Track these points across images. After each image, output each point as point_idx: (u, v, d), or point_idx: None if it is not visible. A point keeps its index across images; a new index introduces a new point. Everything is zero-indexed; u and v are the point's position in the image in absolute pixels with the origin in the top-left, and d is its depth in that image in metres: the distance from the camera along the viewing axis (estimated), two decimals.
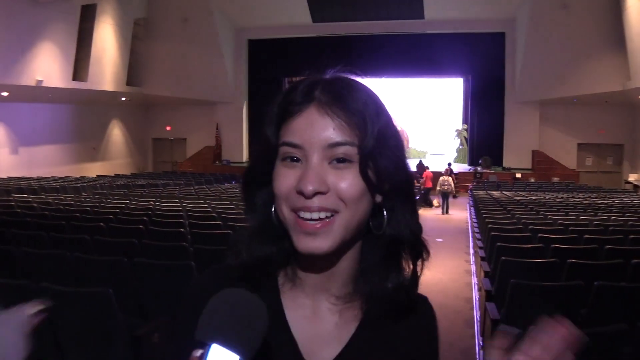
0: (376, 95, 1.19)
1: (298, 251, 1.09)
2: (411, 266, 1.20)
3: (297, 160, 1.09)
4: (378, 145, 1.09)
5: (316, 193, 1.05)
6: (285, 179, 1.09)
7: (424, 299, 1.30)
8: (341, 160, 1.08)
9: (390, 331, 1.21)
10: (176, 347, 1.12)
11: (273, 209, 1.14)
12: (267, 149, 1.13)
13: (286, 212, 1.09)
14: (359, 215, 1.10)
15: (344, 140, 1.07)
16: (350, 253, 1.16)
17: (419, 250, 1.19)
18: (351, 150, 1.07)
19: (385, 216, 1.15)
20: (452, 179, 23.87)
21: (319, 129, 1.08)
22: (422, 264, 1.20)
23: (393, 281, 1.16)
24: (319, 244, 1.07)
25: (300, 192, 1.06)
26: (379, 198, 1.14)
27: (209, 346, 0.90)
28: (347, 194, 1.07)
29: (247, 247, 1.16)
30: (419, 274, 1.20)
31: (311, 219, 1.06)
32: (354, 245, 1.15)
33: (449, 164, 27.40)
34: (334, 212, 1.07)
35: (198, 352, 0.90)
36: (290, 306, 1.18)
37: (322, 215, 1.07)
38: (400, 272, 1.17)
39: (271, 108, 1.16)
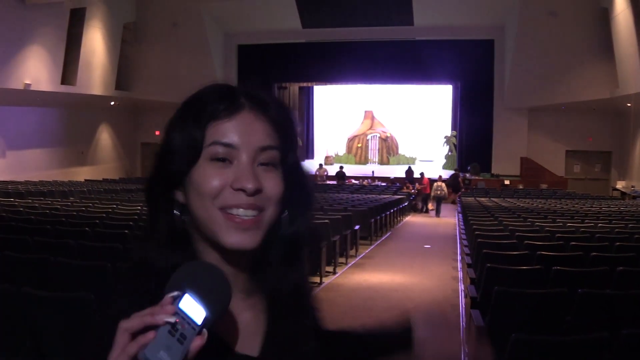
0: (289, 107, 1.27)
1: (223, 246, 1.12)
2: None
3: (224, 160, 1.12)
4: (295, 154, 1.20)
5: (256, 191, 1.10)
6: (217, 177, 1.11)
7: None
8: (266, 164, 1.14)
9: (295, 324, 1.26)
10: None
11: (177, 214, 1.17)
12: (190, 152, 1.13)
13: (211, 211, 1.11)
14: (275, 215, 1.16)
15: (272, 144, 1.15)
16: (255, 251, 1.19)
17: (314, 248, 1.29)
18: (276, 155, 1.15)
19: (289, 219, 1.22)
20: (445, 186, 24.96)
21: (251, 132, 1.13)
22: (318, 260, 1.30)
23: (293, 278, 1.22)
24: (249, 239, 1.11)
25: (241, 189, 1.10)
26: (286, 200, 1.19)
27: (184, 293, 0.95)
28: (273, 195, 1.13)
29: (155, 254, 1.15)
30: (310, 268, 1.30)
31: (245, 216, 1.10)
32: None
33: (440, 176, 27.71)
34: (261, 210, 1.13)
35: (174, 293, 0.95)
36: None
37: (255, 212, 1.11)
38: (299, 267, 1.24)
39: (189, 110, 1.18)
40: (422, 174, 27.76)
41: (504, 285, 5.37)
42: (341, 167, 31.55)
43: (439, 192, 24.58)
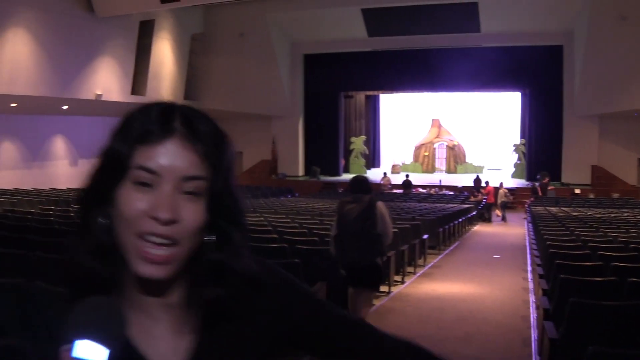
0: (224, 131, 1.24)
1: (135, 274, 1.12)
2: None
3: (147, 185, 1.11)
4: (224, 182, 1.17)
5: (170, 221, 1.09)
6: (136, 203, 1.10)
7: (272, 278, 1.32)
8: (191, 192, 1.12)
9: (233, 328, 1.24)
10: None
11: (103, 228, 1.15)
12: (116, 169, 1.13)
13: (128, 236, 1.11)
14: (195, 244, 1.15)
15: (198, 174, 1.12)
16: (183, 269, 1.17)
17: (238, 271, 1.22)
18: (201, 185, 1.13)
19: (214, 240, 1.19)
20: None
21: (177, 161, 1.11)
22: (249, 281, 1.24)
23: (214, 295, 1.19)
24: (158, 272, 1.10)
25: (155, 218, 1.08)
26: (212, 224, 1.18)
27: (73, 342, 0.96)
28: (192, 226, 1.12)
29: (85, 264, 1.15)
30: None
31: (159, 243, 1.09)
32: (186, 263, 1.17)
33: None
34: (176, 243, 1.11)
35: (65, 347, 0.97)
36: (134, 325, 1.17)
37: (168, 241, 1.10)
38: (224, 288, 1.20)
39: (123, 128, 1.17)
40: (487, 182, 27.51)
41: (578, 297, 5.26)
42: (407, 176, 31.41)
43: (504, 199, 25.53)
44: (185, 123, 1.15)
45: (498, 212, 25.68)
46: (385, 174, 33.72)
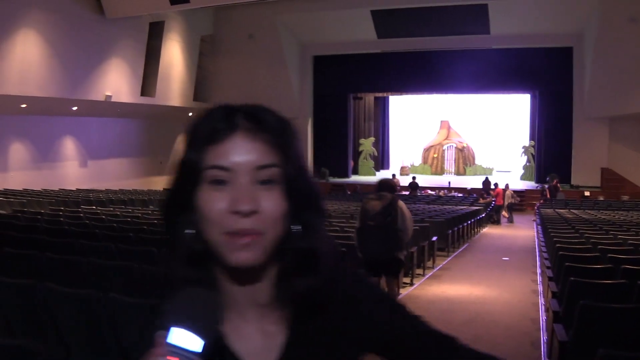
0: (288, 119, 1.25)
1: (229, 266, 1.15)
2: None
3: (223, 183, 1.15)
4: (297, 167, 1.20)
5: (252, 212, 1.12)
6: (215, 202, 1.14)
7: (360, 280, 1.35)
8: (266, 181, 1.15)
9: (321, 327, 1.26)
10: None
11: (192, 234, 1.19)
12: (191, 174, 1.17)
13: (216, 235, 1.14)
14: (279, 232, 1.17)
15: (270, 162, 1.16)
16: (269, 263, 1.21)
17: (325, 257, 1.24)
18: (276, 172, 1.16)
19: (300, 230, 1.21)
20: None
21: (247, 152, 1.15)
22: (339, 269, 1.30)
23: (305, 285, 1.21)
24: (250, 255, 1.13)
25: (236, 212, 1.12)
26: (294, 213, 1.20)
27: (169, 329, 0.99)
28: (273, 214, 1.14)
29: (180, 273, 1.19)
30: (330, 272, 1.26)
31: (244, 228, 1.12)
32: (273, 257, 1.21)
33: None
34: (261, 232, 1.14)
35: (162, 332, 1.00)
36: (227, 323, 1.21)
37: (253, 233, 1.13)
38: (312, 276, 1.22)
39: (191, 134, 1.21)
40: (496, 184, 27.44)
41: (588, 300, 5.25)
42: (414, 178, 31.42)
43: (511, 200, 26.10)
44: (247, 117, 1.19)
45: (505, 213, 25.82)
46: (394, 175, 33.71)
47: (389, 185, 8.12)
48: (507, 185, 27.07)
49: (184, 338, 0.98)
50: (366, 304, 1.30)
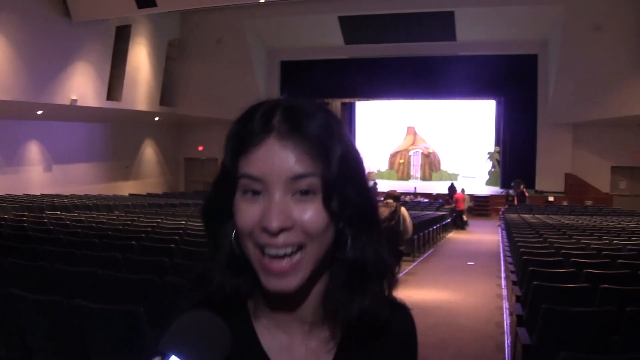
0: (336, 119, 1.14)
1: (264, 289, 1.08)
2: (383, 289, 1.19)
3: (258, 193, 1.05)
4: (341, 173, 1.07)
5: (281, 230, 1.03)
6: (247, 214, 1.05)
7: (403, 311, 1.28)
8: (304, 192, 1.05)
9: (367, 351, 1.19)
10: None
11: (234, 240, 1.12)
12: (227, 180, 1.09)
13: (251, 248, 1.07)
14: (324, 246, 1.08)
15: (307, 171, 1.04)
16: (316, 279, 1.14)
17: (383, 273, 1.17)
18: (315, 181, 1.04)
19: (349, 243, 1.13)
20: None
21: (280, 161, 1.04)
22: (391, 286, 1.19)
23: (358, 304, 1.12)
24: (287, 283, 1.06)
25: (265, 229, 1.03)
26: (341, 224, 1.11)
27: (168, 356, 0.93)
28: (312, 228, 1.05)
29: (216, 278, 1.13)
30: (386, 294, 1.19)
31: (277, 255, 1.04)
32: (320, 272, 1.14)
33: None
34: (300, 246, 1.05)
35: (157, 358, 0.93)
36: (265, 335, 1.16)
37: (288, 250, 1.04)
38: (365, 295, 1.13)
39: (229, 136, 1.12)
40: (462, 190, 28.07)
41: (551, 303, 5.31)
42: (375, 183, 31.83)
43: (470, 204, 27.60)
44: (285, 118, 1.07)
45: (465, 217, 26.25)
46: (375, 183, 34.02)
47: (394, 196, 10.34)
48: (463, 190, 27.81)
49: None
50: (400, 335, 1.26)
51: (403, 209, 10.05)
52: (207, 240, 1.18)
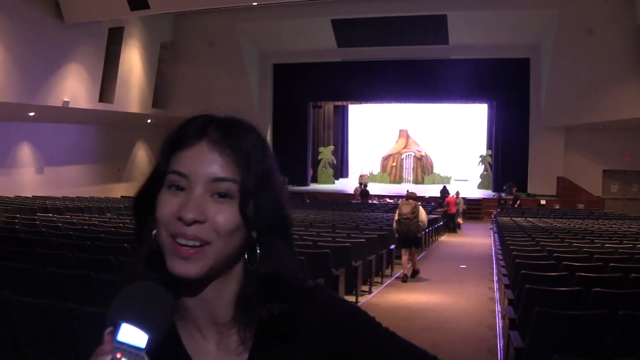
0: (265, 141, 1.25)
1: (171, 274, 1.14)
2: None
3: (182, 189, 1.15)
4: (260, 185, 1.17)
5: (194, 221, 1.11)
6: (168, 204, 1.14)
7: (318, 294, 1.29)
8: (222, 195, 1.15)
9: (284, 349, 1.23)
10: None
11: (154, 237, 1.19)
12: (156, 175, 1.20)
13: (164, 237, 1.14)
14: (230, 247, 1.16)
15: (227, 176, 1.14)
16: (228, 283, 1.21)
17: (292, 283, 1.23)
18: (233, 187, 1.15)
19: (259, 252, 1.21)
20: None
21: (206, 163, 1.15)
22: (300, 296, 1.24)
23: (267, 310, 1.19)
24: (189, 268, 1.12)
25: (180, 219, 1.11)
26: (255, 234, 1.20)
27: (120, 325, 1.00)
28: (221, 227, 1.13)
29: (139, 272, 1.20)
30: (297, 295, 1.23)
31: (186, 245, 1.12)
32: (228, 275, 1.21)
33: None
34: (207, 243, 1.13)
35: (109, 329, 1.01)
36: (184, 333, 1.23)
37: (197, 243, 1.12)
38: (274, 302, 1.19)
39: (167, 138, 1.22)
40: (457, 193, 28.15)
41: (544, 307, 5.33)
42: (365, 186, 32.13)
43: (464, 207, 28.18)
44: (219, 129, 1.19)
45: (460, 220, 26.44)
46: (361, 184, 34.08)
47: (414, 196, 13.63)
48: (457, 193, 28.02)
49: (130, 333, 0.99)
50: (339, 318, 1.27)
51: (420, 207, 13.05)
52: (134, 233, 1.27)
